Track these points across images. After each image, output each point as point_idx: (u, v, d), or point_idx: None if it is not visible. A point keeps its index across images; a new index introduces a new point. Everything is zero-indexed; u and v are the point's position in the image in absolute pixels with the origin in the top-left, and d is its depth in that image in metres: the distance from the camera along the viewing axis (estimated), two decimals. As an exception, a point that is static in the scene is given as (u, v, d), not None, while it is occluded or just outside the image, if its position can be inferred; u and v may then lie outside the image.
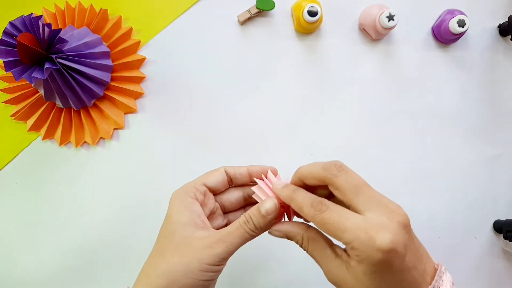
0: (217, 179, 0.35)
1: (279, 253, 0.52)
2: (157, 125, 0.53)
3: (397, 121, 0.54)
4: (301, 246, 0.32)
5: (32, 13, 0.41)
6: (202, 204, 0.34)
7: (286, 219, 0.35)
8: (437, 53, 0.55)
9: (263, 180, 0.35)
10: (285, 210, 0.35)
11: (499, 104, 0.55)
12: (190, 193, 0.33)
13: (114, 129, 0.52)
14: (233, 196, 0.37)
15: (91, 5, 0.51)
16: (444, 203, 0.54)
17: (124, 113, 0.52)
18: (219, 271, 0.31)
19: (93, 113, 0.52)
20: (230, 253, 0.31)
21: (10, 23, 0.41)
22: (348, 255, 0.28)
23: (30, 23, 0.41)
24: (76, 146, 0.52)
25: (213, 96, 0.53)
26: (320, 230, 0.29)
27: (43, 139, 0.52)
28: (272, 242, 0.52)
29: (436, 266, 0.29)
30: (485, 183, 0.55)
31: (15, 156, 0.52)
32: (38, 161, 0.52)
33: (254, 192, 0.35)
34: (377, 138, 0.54)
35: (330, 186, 0.30)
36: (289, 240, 0.33)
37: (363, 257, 0.26)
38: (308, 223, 0.32)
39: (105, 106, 0.52)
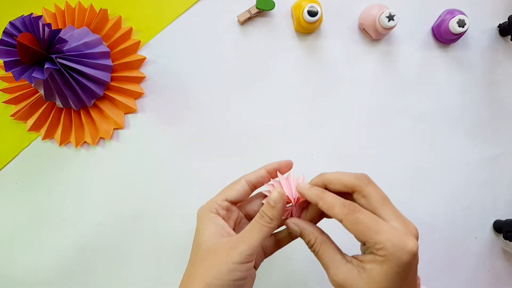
0: (238, 192, 0.37)
1: (278, 254, 0.52)
2: (157, 125, 0.53)
3: (397, 121, 0.54)
4: (311, 247, 0.34)
5: (32, 13, 0.41)
6: (225, 218, 0.36)
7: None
8: (437, 53, 0.55)
9: (273, 184, 0.37)
10: (290, 212, 0.37)
11: (499, 104, 0.55)
12: (212, 209, 0.36)
13: (114, 129, 0.52)
14: (256, 204, 0.39)
15: (91, 5, 0.51)
16: (444, 203, 0.54)
17: (124, 113, 0.52)
18: (248, 270, 0.33)
19: (93, 113, 0.52)
20: (253, 248, 0.32)
21: (10, 23, 0.41)
22: (360, 261, 0.31)
23: (30, 23, 0.41)
24: (76, 146, 0.52)
25: (213, 96, 0.53)
26: (346, 228, 0.31)
27: (43, 139, 0.52)
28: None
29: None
30: (485, 183, 0.55)
31: (15, 156, 0.52)
32: (38, 161, 0.52)
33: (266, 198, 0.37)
34: (377, 138, 0.54)
35: (358, 193, 0.33)
36: (294, 241, 0.34)
37: (391, 258, 0.29)
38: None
39: (105, 106, 0.52)
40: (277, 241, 0.40)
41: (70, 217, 0.52)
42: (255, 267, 0.38)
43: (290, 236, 0.39)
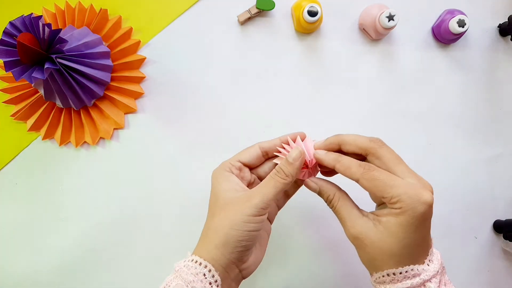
0: (251, 155, 0.39)
1: (279, 254, 0.52)
2: (157, 125, 0.53)
3: (397, 121, 0.54)
4: (329, 203, 0.36)
5: (32, 13, 0.41)
6: (238, 177, 0.38)
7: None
8: (437, 53, 0.55)
9: (284, 148, 0.38)
10: (305, 174, 0.39)
11: (499, 104, 0.55)
12: (226, 168, 0.38)
13: (114, 129, 0.52)
14: (267, 167, 0.40)
15: (91, 5, 0.51)
16: (444, 203, 0.54)
17: (124, 113, 0.52)
18: (261, 222, 0.34)
19: (93, 113, 0.52)
20: (266, 202, 0.34)
21: (10, 23, 0.41)
22: (377, 215, 0.33)
23: (30, 23, 0.41)
24: (76, 146, 0.52)
25: (213, 96, 0.53)
26: (363, 187, 0.33)
27: (43, 139, 0.52)
28: (272, 243, 0.52)
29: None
30: (485, 183, 0.55)
31: (15, 156, 0.52)
32: (38, 161, 0.52)
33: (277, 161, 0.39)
34: (377, 138, 0.54)
35: (372, 156, 0.35)
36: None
37: (407, 209, 0.31)
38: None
39: (105, 106, 0.52)
40: (285, 192, 0.41)
41: (70, 217, 0.52)
42: (270, 221, 0.41)
43: (296, 185, 0.41)
